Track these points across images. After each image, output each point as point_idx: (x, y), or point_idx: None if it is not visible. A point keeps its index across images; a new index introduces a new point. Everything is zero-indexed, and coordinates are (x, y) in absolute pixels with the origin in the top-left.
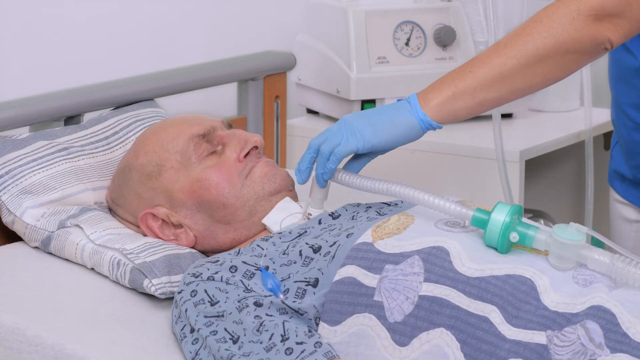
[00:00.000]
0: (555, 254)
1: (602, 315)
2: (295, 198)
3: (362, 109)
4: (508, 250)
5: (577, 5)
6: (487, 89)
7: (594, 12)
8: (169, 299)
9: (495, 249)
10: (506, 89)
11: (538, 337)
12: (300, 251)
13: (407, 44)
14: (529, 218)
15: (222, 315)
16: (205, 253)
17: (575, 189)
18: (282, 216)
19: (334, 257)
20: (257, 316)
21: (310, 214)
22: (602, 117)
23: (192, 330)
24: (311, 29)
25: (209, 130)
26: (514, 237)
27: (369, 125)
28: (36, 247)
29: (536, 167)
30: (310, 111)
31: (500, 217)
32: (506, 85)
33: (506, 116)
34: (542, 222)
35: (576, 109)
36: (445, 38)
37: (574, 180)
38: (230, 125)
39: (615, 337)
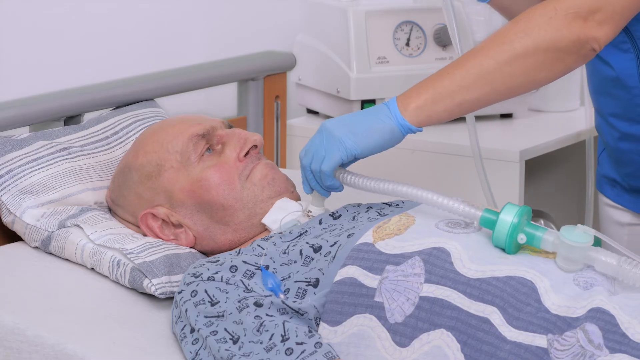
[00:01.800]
0: (563, 256)
1: (601, 317)
2: (297, 199)
3: (362, 108)
4: (516, 251)
5: (554, 5)
6: (465, 90)
7: (573, 11)
8: (169, 298)
9: (503, 249)
10: (485, 90)
11: (539, 340)
12: (301, 251)
13: (407, 44)
14: None
15: (222, 316)
16: (205, 253)
17: (575, 189)
18: (282, 215)
19: (334, 257)
20: (257, 316)
21: (311, 212)
22: None
23: (192, 331)
24: (311, 29)
25: (208, 130)
26: (521, 238)
27: (350, 133)
28: (36, 247)
29: (536, 167)
30: (310, 111)
31: (508, 217)
32: (485, 85)
33: (506, 116)
34: (542, 222)
35: (576, 109)
36: (445, 38)
37: (574, 180)
38: (230, 125)
39: (615, 337)
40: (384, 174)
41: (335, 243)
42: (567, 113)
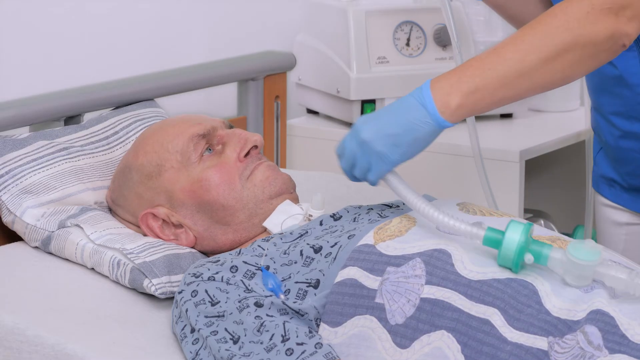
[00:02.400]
0: (571, 273)
1: (600, 319)
2: (296, 201)
3: (362, 108)
4: (521, 270)
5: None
6: (506, 86)
7: (607, 6)
8: (169, 298)
9: (510, 269)
10: (525, 86)
11: (540, 342)
12: (301, 251)
13: (407, 44)
14: (528, 218)
15: (223, 316)
16: (206, 253)
17: (575, 189)
18: (283, 218)
19: (335, 258)
20: (257, 316)
21: (311, 215)
22: None
23: (193, 331)
24: (311, 29)
25: (209, 130)
26: (529, 259)
27: (394, 146)
28: (36, 247)
29: (536, 167)
30: (310, 111)
31: (514, 236)
32: (525, 82)
33: (506, 116)
34: (542, 222)
35: (576, 109)
36: (445, 38)
37: (574, 180)
38: (231, 125)
39: (614, 338)
40: None
41: (335, 244)
42: (567, 113)
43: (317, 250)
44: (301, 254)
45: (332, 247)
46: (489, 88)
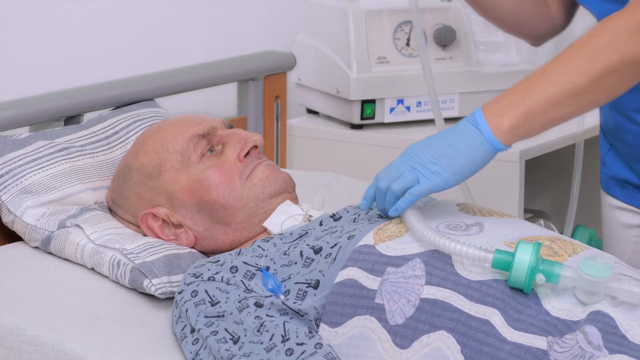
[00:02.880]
0: (583, 290)
1: (600, 319)
2: (295, 200)
3: (362, 108)
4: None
5: (635, 17)
6: (556, 107)
7: None
8: (169, 299)
9: (521, 292)
10: (573, 107)
11: (539, 342)
12: (301, 252)
13: (407, 44)
14: (528, 218)
15: (223, 316)
16: (206, 253)
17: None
18: (283, 218)
19: (335, 258)
20: (257, 317)
21: (311, 216)
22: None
23: (193, 331)
24: (311, 29)
25: (209, 130)
26: (540, 279)
27: (447, 168)
28: (36, 247)
29: (536, 167)
30: (310, 111)
31: (525, 257)
32: (574, 103)
33: None
34: (542, 222)
35: None
36: (445, 38)
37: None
38: (230, 125)
39: (614, 339)
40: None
41: (335, 245)
42: None
43: (317, 251)
44: (301, 255)
45: (332, 247)
46: (538, 110)
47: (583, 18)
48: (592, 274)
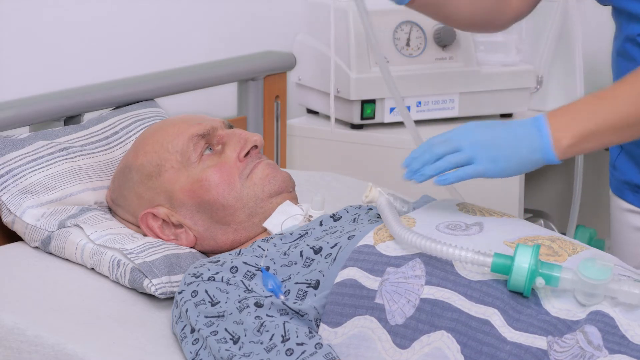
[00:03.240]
0: (583, 292)
1: (600, 319)
2: (295, 200)
3: (362, 108)
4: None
5: None
6: (615, 133)
7: None
8: (169, 299)
9: (521, 293)
10: (630, 134)
11: (539, 342)
12: (301, 252)
13: (407, 44)
14: (528, 218)
15: (223, 316)
16: (206, 253)
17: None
18: (283, 218)
19: (335, 259)
20: (257, 317)
21: (311, 216)
22: None
23: (193, 331)
24: (311, 29)
25: (209, 130)
26: (540, 282)
27: (504, 160)
28: (36, 247)
29: None
30: (310, 111)
31: (524, 260)
32: (629, 131)
33: (506, 116)
34: (542, 222)
35: None
36: (445, 38)
37: (574, 180)
38: (230, 125)
39: (614, 339)
40: (383, 172)
41: (335, 245)
42: None
43: (317, 251)
44: (301, 255)
45: (332, 247)
46: (599, 133)
47: (582, 18)
48: (591, 277)
